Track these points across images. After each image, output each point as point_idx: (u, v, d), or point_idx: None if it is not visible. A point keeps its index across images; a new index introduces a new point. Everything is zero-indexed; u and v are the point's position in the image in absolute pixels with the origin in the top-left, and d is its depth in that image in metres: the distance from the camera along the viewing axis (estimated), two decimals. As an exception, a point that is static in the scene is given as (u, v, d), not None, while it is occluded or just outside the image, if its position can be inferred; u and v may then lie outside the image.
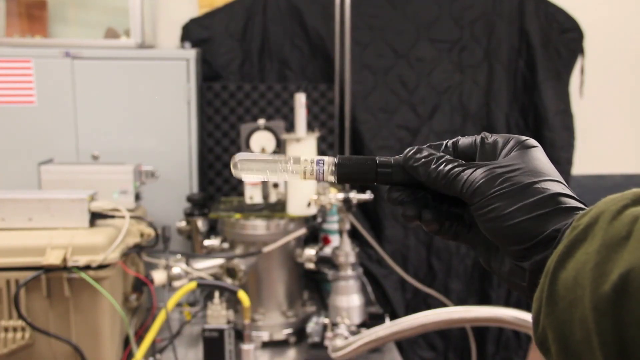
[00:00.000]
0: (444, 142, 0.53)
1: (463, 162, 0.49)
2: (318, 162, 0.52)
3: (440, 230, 0.52)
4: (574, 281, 0.38)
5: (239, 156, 0.53)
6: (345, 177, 0.52)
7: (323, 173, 0.52)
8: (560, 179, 0.47)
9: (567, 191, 0.46)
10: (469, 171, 0.47)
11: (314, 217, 1.63)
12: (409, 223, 0.52)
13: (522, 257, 0.45)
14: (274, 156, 0.53)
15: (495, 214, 0.45)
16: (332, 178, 0.52)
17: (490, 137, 0.51)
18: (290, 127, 1.81)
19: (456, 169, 0.48)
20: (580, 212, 0.43)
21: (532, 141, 0.49)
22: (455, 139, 0.52)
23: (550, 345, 0.40)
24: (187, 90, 1.83)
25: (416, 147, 0.51)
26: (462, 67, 2.09)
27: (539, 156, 0.48)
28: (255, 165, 0.53)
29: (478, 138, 0.52)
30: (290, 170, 0.52)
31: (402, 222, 2.07)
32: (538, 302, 0.41)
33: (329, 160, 0.52)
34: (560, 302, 0.39)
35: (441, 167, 0.49)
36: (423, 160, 0.50)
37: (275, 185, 1.67)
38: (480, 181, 0.46)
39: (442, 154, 0.50)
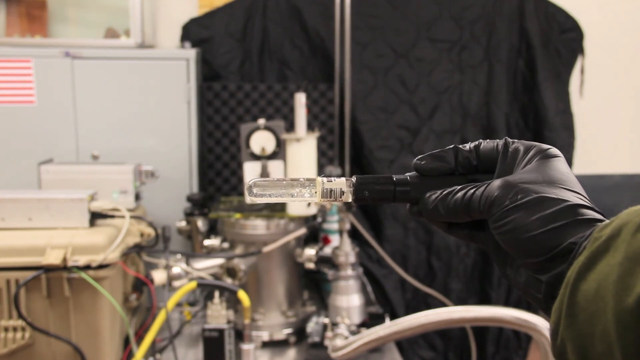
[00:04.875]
0: (467, 145, 0.52)
1: (476, 183, 0.48)
2: (334, 182, 0.51)
3: (452, 228, 0.52)
4: (596, 293, 0.37)
5: (253, 181, 0.51)
6: (363, 198, 0.51)
7: (341, 194, 0.52)
8: (580, 189, 0.46)
9: (586, 202, 0.45)
10: (483, 187, 0.47)
11: (314, 217, 1.63)
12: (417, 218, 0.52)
13: (539, 269, 0.44)
14: (290, 179, 0.52)
15: (512, 226, 0.44)
16: (350, 199, 0.51)
17: (513, 144, 0.50)
18: (290, 127, 1.81)
19: (470, 190, 0.48)
20: (600, 223, 0.42)
21: (554, 150, 0.49)
22: (477, 142, 0.52)
23: (569, 358, 0.39)
24: (187, 90, 1.83)
25: (428, 194, 0.50)
26: (462, 67, 2.09)
27: (559, 166, 0.47)
28: (271, 190, 0.51)
29: (501, 143, 0.51)
30: (308, 193, 0.52)
31: (403, 221, 2.07)
32: (557, 313, 0.41)
33: (346, 181, 0.52)
34: (581, 314, 0.38)
35: (457, 195, 0.48)
36: (438, 198, 0.49)
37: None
38: (497, 193, 0.46)
39: (451, 188, 0.49)
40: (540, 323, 1.05)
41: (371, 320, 1.52)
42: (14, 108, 1.76)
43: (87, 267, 1.28)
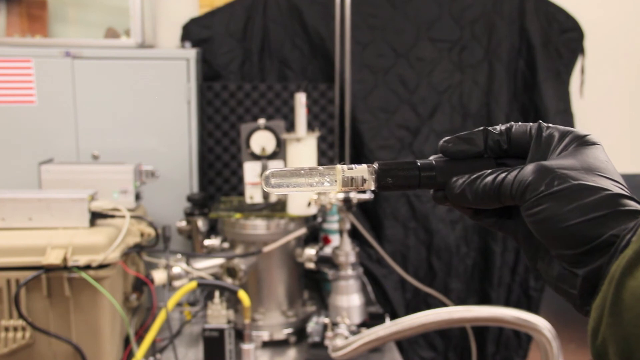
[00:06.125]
0: (498, 127, 0.49)
1: (506, 168, 0.46)
2: (355, 170, 0.49)
3: (478, 214, 0.50)
4: None
5: (270, 171, 0.49)
6: (386, 186, 0.49)
7: (362, 182, 0.49)
8: (620, 179, 0.43)
9: (627, 192, 0.42)
10: (515, 171, 0.44)
11: (314, 216, 1.63)
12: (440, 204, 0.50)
13: (575, 262, 0.41)
14: (308, 168, 0.49)
15: (547, 214, 0.41)
16: (372, 187, 0.49)
17: (547, 129, 0.47)
18: (291, 127, 1.81)
19: (501, 174, 0.45)
20: None
21: (592, 137, 0.45)
22: (508, 125, 0.49)
23: (610, 359, 0.37)
24: (187, 90, 1.83)
25: (454, 178, 0.47)
26: (462, 67, 2.09)
27: (597, 154, 0.44)
28: (289, 180, 0.48)
29: (534, 127, 0.48)
30: (327, 182, 0.49)
31: (403, 221, 2.07)
32: (599, 310, 0.37)
33: (368, 168, 0.49)
34: (627, 313, 0.35)
35: (486, 179, 0.45)
36: (466, 182, 0.47)
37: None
38: (531, 177, 0.42)
39: (480, 172, 0.47)
40: (540, 323, 1.05)
41: (371, 320, 1.52)
42: (14, 108, 1.76)
43: (87, 267, 1.28)
